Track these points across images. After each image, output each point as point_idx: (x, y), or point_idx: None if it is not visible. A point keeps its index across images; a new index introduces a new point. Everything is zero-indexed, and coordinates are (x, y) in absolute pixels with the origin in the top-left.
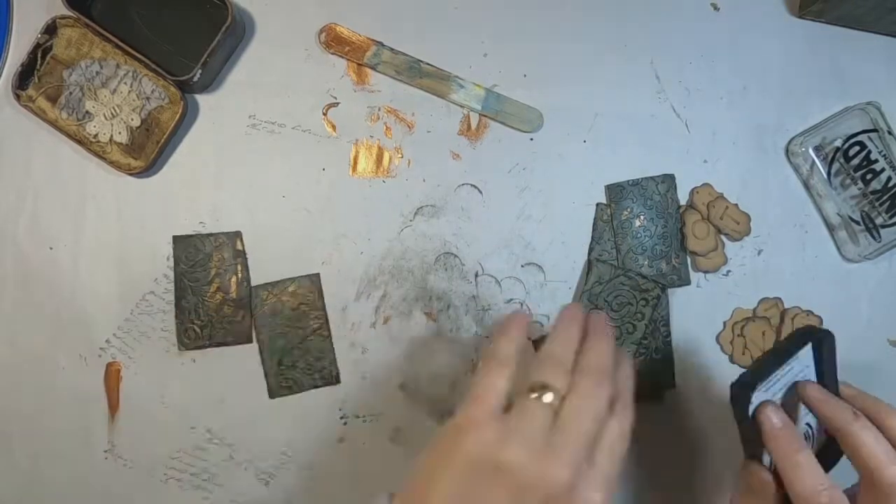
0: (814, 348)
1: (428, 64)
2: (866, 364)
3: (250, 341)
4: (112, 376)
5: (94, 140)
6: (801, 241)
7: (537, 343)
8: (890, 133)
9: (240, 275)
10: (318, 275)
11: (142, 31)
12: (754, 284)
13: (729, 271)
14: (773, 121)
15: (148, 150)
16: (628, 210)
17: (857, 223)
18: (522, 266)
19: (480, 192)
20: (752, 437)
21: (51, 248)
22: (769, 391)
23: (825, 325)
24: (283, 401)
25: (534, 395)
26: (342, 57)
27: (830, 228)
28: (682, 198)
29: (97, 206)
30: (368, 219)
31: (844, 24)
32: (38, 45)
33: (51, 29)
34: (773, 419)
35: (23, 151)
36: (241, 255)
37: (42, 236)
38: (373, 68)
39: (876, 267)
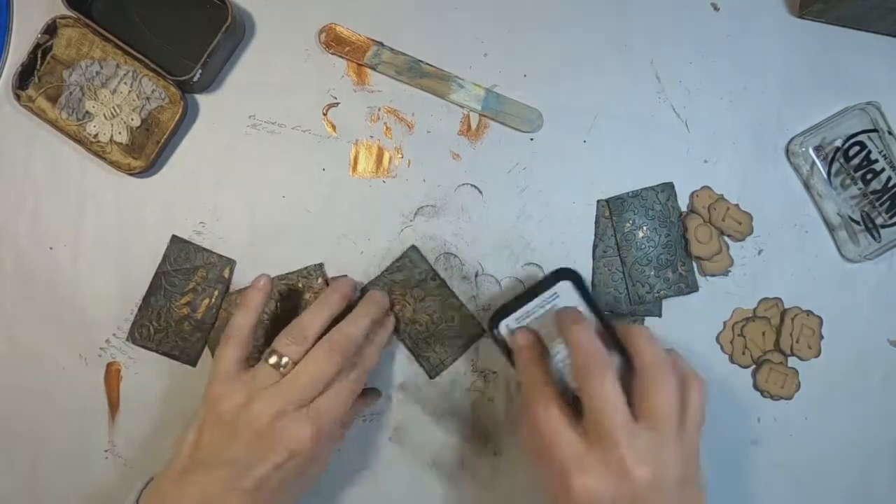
0: (577, 289)
1: (428, 64)
2: (866, 364)
3: (194, 365)
4: (112, 376)
5: (94, 140)
6: (801, 241)
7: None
8: (890, 133)
9: (213, 300)
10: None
11: (142, 31)
12: (754, 284)
13: (729, 271)
14: (773, 121)
15: (148, 150)
16: (630, 222)
17: (857, 223)
18: (522, 266)
19: (480, 192)
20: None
21: (51, 248)
22: (529, 322)
23: (825, 325)
24: None
25: (270, 361)
26: (342, 57)
27: (830, 228)
28: (683, 204)
29: (97, 206)
30: (368, 219)
31: (844, 24)
32: (38, 45)
33: (51, 29)
34: (520, 340)
35: (23, 151)
36: (224, 282)
37: (42, 236)
38: (373, 68)
39: (876, 267)
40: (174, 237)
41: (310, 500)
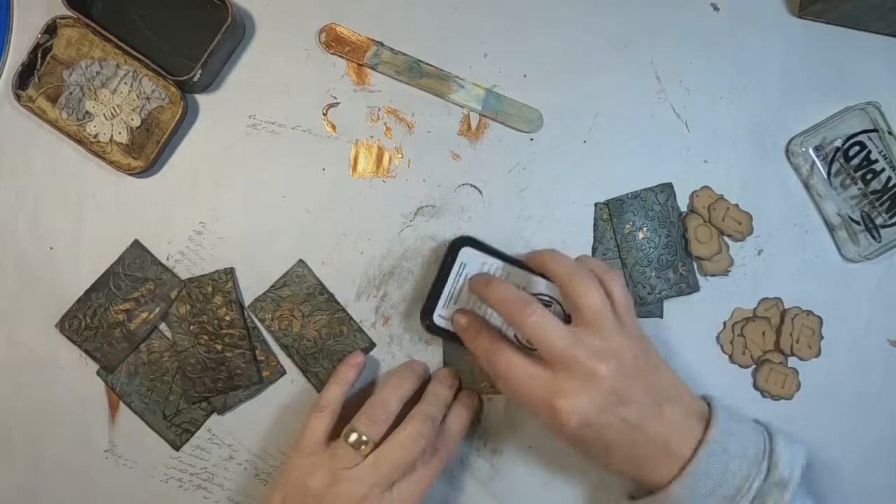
0: (478, 249)
1: (428, 64)
2: (866, 364)
3: (109, 372)
4: None
5: (94, 140)
6: (801, 241)
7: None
8: (890, 133)
9: (152, 316)
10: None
11: (142, 31)
12: (754, 284)
13: (729, 271)
14: (773, 121)
15: (148, 150)
16: (630, 223)
17: (857, 223)
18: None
19: (480, 192)
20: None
21: (51, 248)
22: (459, 303)
23: (825, 325)
24: (279, 396)
25: (350, 439)
26: (342, 57)
27: (830, 228)
28: (683, 204)
29: (97, 205)
30: (368, 219)
31: (844, 24)
32: (38, 45)
33: (51, 29)
34: (460, 321)
35: (23, 151)
36: (168, 301)
37: (42, 236)
38: (373, 68)
39: (876, 267)
40: (135, 242)
41: None
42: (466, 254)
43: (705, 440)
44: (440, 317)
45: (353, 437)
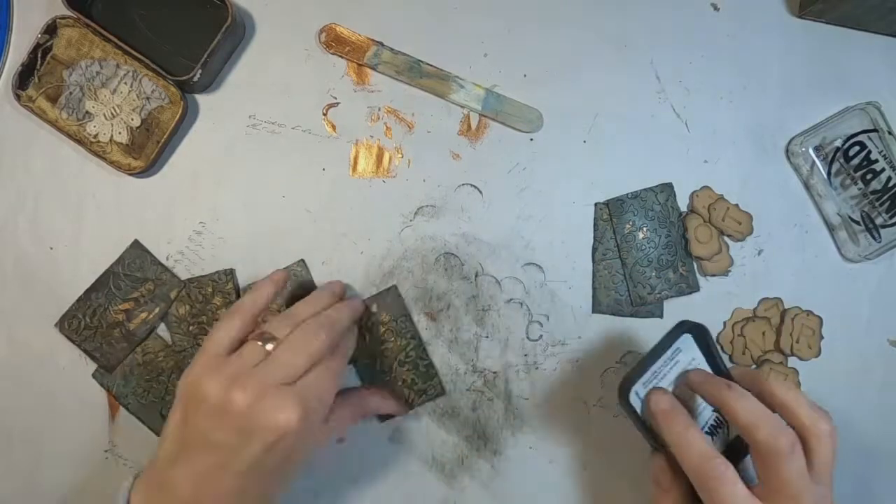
0: (697, 341)
1: (428, 64)
2: (866, 364)
3: (109, 372)
4: None
5: (94, 140)
6: (801, 241)
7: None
8: (890, 133)
9: (151, 315)
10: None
11: (142, 31)
12: (754, 284)
13: (729, 271)
14: (773, 121)
15: (148, 150)
16: (630, 223)
17: (857, 223)
18: (522, 266)
19: (480, 192)
20: (650, 430)
21: (51, 248)
22: (659, 384)
23: (825, 325)
24: None
25: (256, 341)
26: (342, 57)
27: (830, 228)
28: (683, 204)
29: (97, 205)
30: (368, 219)
31: (844, 24)
32: (38, 45)
33: (51, 29)
34: (661, 403)
35: (23, 151)
36: (167, 302)
37: (42, 236)
38: (373, 68)
39: (876, 267)
40: (135, 242)
41: (309, 501)
42: (686, 341)
43: None
44: (636, 394)
45: (260, 337)
